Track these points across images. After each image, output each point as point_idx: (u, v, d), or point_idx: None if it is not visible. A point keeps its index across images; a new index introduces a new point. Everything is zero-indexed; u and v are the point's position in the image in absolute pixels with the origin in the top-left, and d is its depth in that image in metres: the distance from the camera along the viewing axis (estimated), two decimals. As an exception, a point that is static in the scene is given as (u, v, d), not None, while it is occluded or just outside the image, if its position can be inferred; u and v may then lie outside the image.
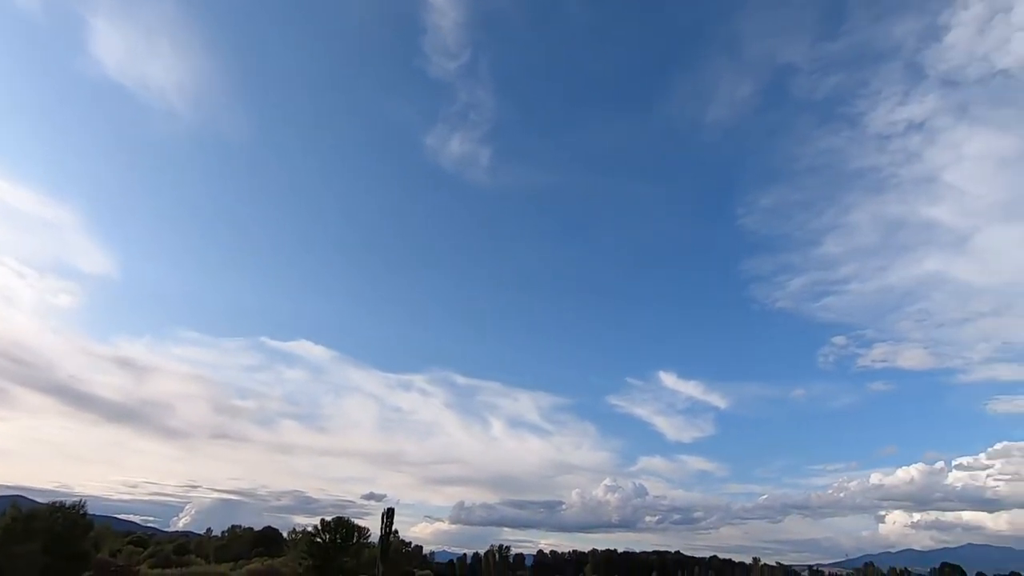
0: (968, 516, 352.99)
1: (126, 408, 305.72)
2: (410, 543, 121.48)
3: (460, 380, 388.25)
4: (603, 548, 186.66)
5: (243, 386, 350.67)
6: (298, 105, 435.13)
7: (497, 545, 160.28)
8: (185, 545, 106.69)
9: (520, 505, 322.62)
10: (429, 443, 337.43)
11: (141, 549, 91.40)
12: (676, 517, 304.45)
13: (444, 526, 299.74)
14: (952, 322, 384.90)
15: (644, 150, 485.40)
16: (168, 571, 70.31)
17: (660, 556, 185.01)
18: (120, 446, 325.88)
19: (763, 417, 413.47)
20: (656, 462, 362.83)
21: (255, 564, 75.49)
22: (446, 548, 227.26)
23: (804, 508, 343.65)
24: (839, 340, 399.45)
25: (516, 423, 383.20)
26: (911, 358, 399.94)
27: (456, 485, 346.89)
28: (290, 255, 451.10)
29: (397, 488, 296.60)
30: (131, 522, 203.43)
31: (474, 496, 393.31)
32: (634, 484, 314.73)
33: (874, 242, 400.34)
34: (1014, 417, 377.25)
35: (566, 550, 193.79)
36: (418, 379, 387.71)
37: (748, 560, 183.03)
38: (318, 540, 69.98)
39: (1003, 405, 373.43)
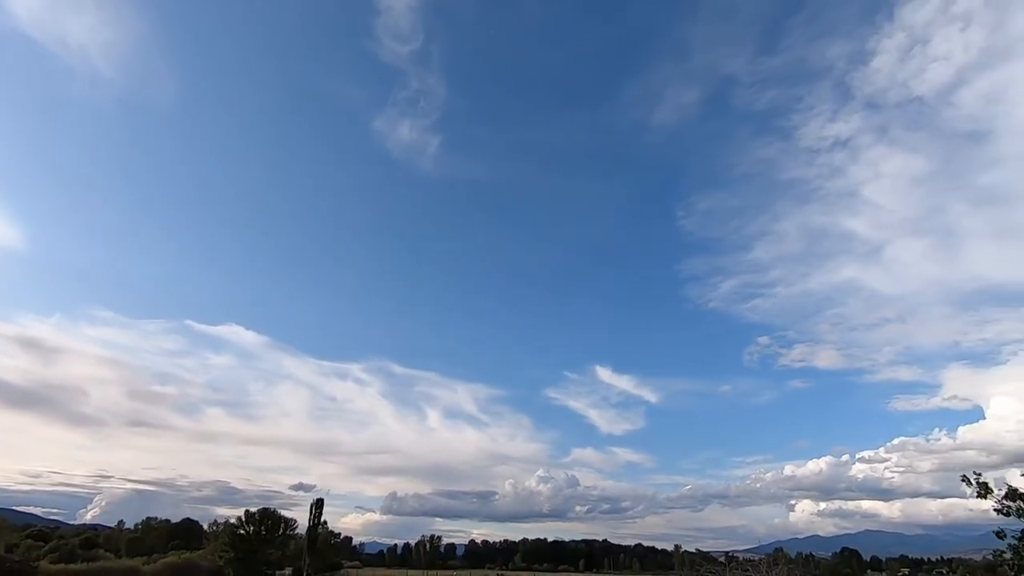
0: (867, 505, 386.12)
1: (30, 392, 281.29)
2: (339, 534, 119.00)
3: (398, 370, 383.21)
4: (533, 537, 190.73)
5: (164, 371, 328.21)
6: (237, 76, 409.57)
7: (429, 535, 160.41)
8: (93, 539, 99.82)
9: (453, 496, 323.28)
10: (363, 433, 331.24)
11: (42, 543, 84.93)
12: (605, 507, 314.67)
13: (375, 517, 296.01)
14: (863, 326, 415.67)
15: (590, 148, 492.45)
16: (72, 566, 65.43)
17: (588, 545, 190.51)
18: (22, 433, 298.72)
19: (691, 411, 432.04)
20: (588, 454, 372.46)
21: (171, 558, 71.69)
22: (376, 539, 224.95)
23: (724, 498, 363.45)
24: (763, 340, 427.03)
25: (453, 414, 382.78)
26: (826, 358, 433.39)
27: (389, 476, 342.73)
28: (222, 234, 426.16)
29: (328, 479, 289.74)
30: (32, 514, 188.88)
31: (407, 487, 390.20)
32: (567, 475, 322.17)
33: (799, 249, 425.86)
34: (910, 414, 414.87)
35: (498, 539, 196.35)
36: (355, 368, 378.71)
37: (670, 547, 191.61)
38: (241, 532, 67.28)
39: (902, 404, 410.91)
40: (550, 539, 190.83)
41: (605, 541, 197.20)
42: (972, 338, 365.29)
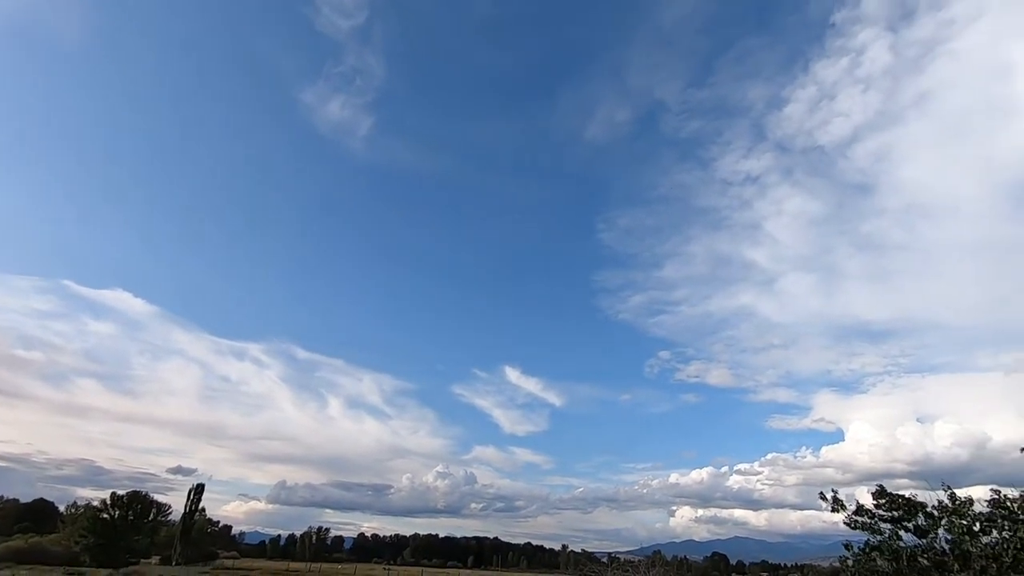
0: (739, 513, 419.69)
1: None
2: (218, 522, 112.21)
3: (301, 354, 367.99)
4: (425, 533, 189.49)
5: (30, 334, 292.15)
6: (155, 23, 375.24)
7: (316, 527, 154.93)
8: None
9: (347, 487, 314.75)
10: (257, 417, 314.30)
11: None
12: (499, 505, 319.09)
13: (260, 505, 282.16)
14: (752, 349, 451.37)
15: (522, 152, 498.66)
16: None
17: (479, 541, 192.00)
18: None
19: (591, 416, 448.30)
20: (489, 452, 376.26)
21: (16, 541, 64.01)
22: (259, 529, 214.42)
23: (613, 501, 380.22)
24: (664, 354, 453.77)
25: (355, 404, 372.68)
26: (718, 376, 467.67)
27: (280, 463, 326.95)
28: (118, 188, 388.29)
29: (212, 463, 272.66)
30: None
31: (299, 476, 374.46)
32: (465, 472, 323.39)
33: (705, 272, 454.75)
34: (784, 433, 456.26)
35: (388, 533, 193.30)
36: (254, 348, 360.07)
37: (558, 547, 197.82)
38: (105, 516, 61.51)
39: (777, 423, 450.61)
40: (442, 535, 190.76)
41: (496, 539, 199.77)
42: (841, 368, 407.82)
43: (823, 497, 15.90)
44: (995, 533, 13.16)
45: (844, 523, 15.42)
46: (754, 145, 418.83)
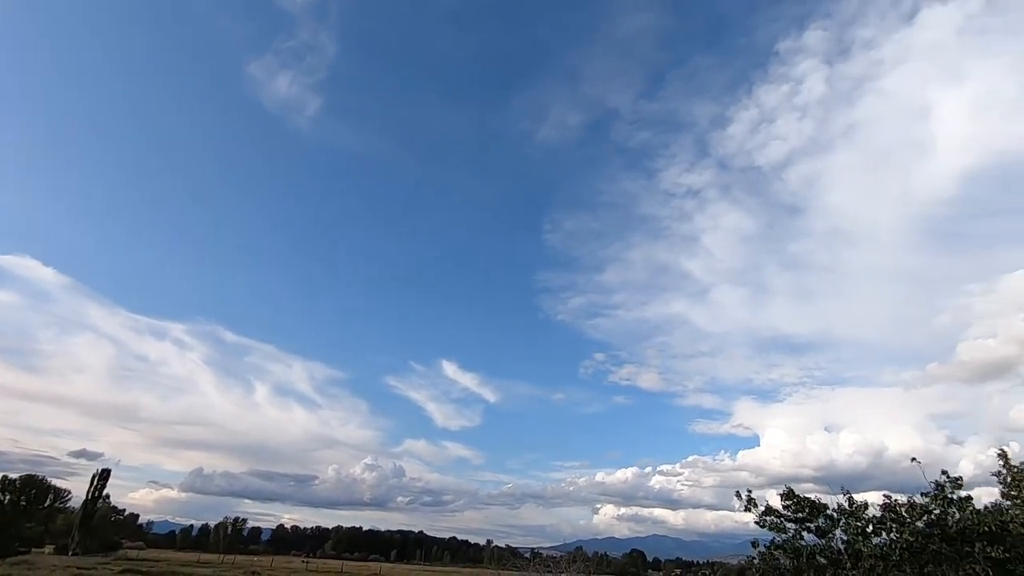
0: (658, 512, 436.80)
1: None
2: (123, 511, 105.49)
3: (229, 337, 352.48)
4: (349, 525, 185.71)
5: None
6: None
7: (233, 517, 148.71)
8: None
9: (269, 477, 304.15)
10: (174, 401, 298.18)
11: None
12: (427, 499, 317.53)
13: (172, 494, 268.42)
14: (682, 356, 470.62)
15: (473, 148, 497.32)
16: None
17: (404, 535, 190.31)
18: None
19: (525, 414, 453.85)
20: (420, 445, 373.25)
21: None
22: (170, 518, 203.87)
23: (540, 498, 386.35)
24: (599, 356, 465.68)
25: (284, 391, 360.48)
26: (648, 380, 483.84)
27: (198, 450, 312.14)
28: (33, 149, 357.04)
29: (121, 448, 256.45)
30: None
31: (217, 463, 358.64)
32: (394, 465, 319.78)
33: (643, 279, 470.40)
34: (705, 437, 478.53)
35: (310, 525, 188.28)
36: (176, 328, 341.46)
37: (483, 542, 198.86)
38: (-8, 501, 56.73)
39: (700, 427, 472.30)
40: (366, 528, 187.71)
41: (421, 533, 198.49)
42: (761, 377, 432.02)
43: (738, 496, 16.84)
44: (884, 535, 14.50)
45: (755, 523, 16.46)
46: (697, 160, 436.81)
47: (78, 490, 66.05)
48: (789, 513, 16.06)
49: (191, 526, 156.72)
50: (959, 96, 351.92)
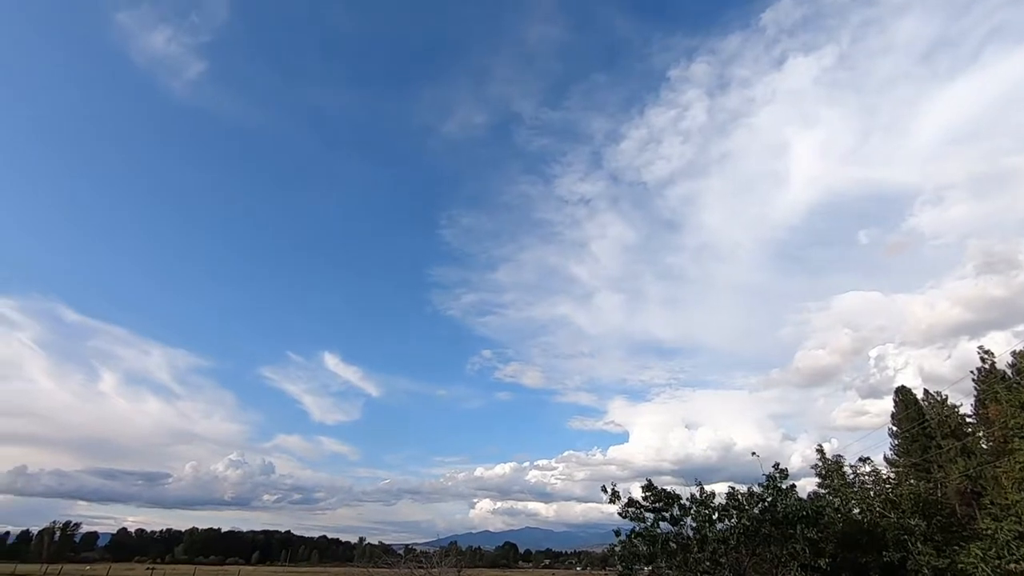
0: (532, 505, 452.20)
1: None
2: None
3: (70, 316, 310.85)
4: (205, 527, 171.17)
5: None
6: None
7: (62, 522, 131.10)
8: None
9: (111, 475, 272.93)
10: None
11: None
12: (296, 496, 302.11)
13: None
14: (564, 355, 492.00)
15: (374, 134, 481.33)
16: None
17: (267, 536, 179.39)
18: None
19: (408, 409, 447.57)
20: (293, 440, 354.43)
21: None
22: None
23: (417, 493, 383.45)
24: (487, 353, 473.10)
25: (137, 379, 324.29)
26: (531, 378, 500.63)
27: (20, 445, 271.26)
28: None
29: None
30: None
31: (44, 460, 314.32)
32: (263, 461, 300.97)
33: (533, 280, 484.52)
34: (581, 433, 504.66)
35: (159, 528, 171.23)
36: (2, 303, 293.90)
37: (355, 539, 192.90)
38: None
39: (576, 423, 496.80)
40: (225, 529, 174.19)
41: (288, 532, 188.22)
42: (634, 378, 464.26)
43: (604, 490, 18.16)
44: (727, 521, 16.49)
45: (618, 514, 17.87)
46: (591, 171, 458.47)
47: None
48: (648, 504, 17.65)
49: (7, 533, 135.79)
50: (811, 138, 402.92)
